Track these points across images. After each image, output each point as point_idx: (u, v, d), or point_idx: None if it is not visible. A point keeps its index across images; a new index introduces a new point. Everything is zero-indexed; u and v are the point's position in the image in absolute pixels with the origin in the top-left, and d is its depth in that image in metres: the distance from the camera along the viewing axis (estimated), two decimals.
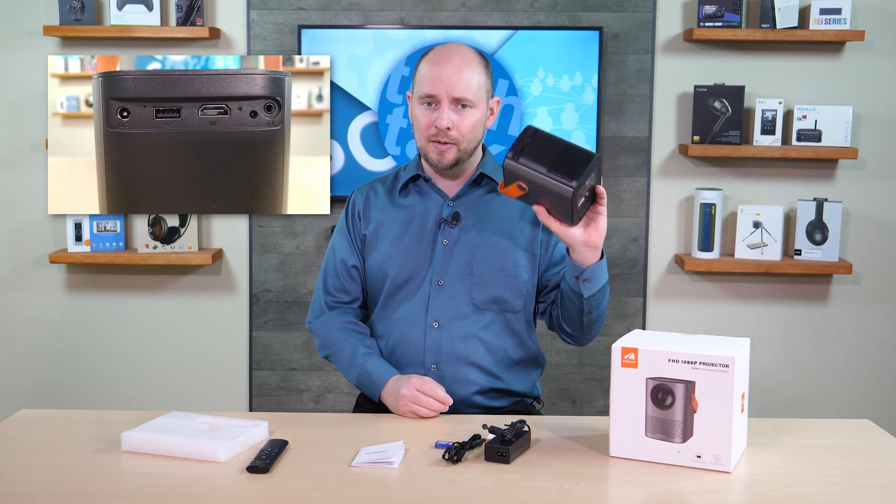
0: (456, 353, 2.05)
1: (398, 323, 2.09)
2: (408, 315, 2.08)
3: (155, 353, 3.57)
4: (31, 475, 1.62)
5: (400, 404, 1.95)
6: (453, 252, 2.07)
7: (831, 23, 3.28)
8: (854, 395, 3.55)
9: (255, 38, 3.42)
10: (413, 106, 2.08)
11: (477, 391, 2.07)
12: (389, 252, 2.10)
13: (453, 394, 2.03)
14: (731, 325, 3.50)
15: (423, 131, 2.05)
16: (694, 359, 1.63)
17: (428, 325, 2.06)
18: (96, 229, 3.44)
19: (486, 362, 2.07)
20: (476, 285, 2.06)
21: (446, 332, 2.06)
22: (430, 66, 2.04)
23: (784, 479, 1.63)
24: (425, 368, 2.05)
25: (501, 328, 2.09)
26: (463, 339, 2.06)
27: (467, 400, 2.07)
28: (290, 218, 3.50)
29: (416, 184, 2.14)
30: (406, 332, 2.07)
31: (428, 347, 2.05)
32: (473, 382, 2.07)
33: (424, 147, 2.06)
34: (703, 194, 3.37)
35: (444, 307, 2.06)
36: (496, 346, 2.08)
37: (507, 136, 3.40)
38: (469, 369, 2.06)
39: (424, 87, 2.03)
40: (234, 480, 1.59)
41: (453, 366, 2.05)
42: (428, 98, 2.03)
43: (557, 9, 3.38)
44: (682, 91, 3.43)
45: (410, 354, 2.07)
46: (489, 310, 2.07)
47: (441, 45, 2.11)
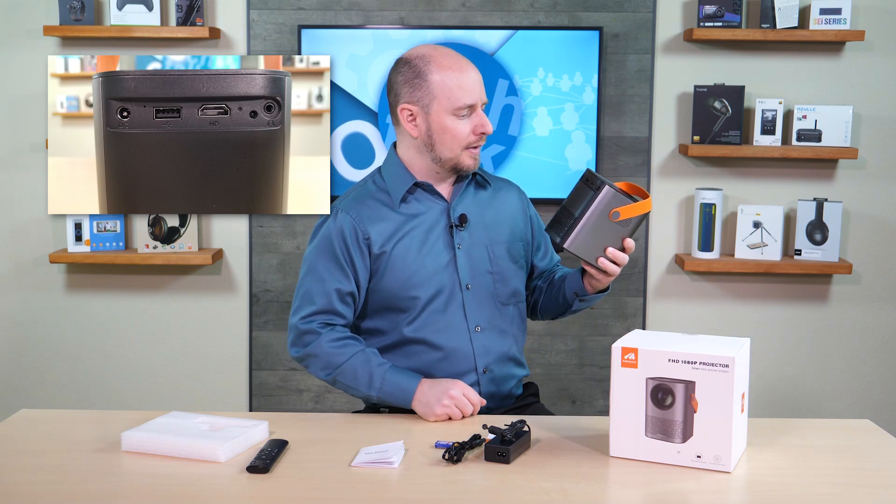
0: (501, 352, 2.09)
1: (441, 333, 2.04)
2: (448, 324, 2.04)
3: (155, 353, 3.57)
4: (31, 475, 1.62)
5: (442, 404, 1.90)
6: (470, 254, 2.07)
7: (831, 23, 3.28)
8: (854, 395, 3.55)
9: (255, 38, 3.42)
10: (437, 117, 1.99)
11: (515, 384, 2.13)
12: (413, 266, 2.03)
13: (500, 392, 2.09)
14: (731, 325, 3.50)
15: (463, 141, 2.00)
16: (694, 359, 1.63)
17: (472, 331, 2.06)
18: (96, 229, 3.44)
19: (518, 354, 2.14)
20: (498, 282, 2.09)
21: (489, 334, 2.07)
22: (456, 74, 1.98)
23: (784, 479, 1.63)
24: (479, 373, 2.06)
25: (518, 318, 2.14)
26: (502, 337, 2.09)
27: (509, 393, 2.12)
28: (290, 218, 3.50)
29: (412, 192, 2.07)
30: (453, 341, 2.04)
31: (478, 353, 2.06)
32: (514, 376, 2.13)
33: (458, 156, 2.02)
34: (703, 194, 3.37)
35: (479, 310, 2.07)
36: (518, 337, 2.14)
37: (506, 136, 3.40)
38: (510, 365, 2.11)
39: (462, 97, 1.97)
40: (234, 480, 1.59)
41: (500, 365, 2.09)
42: (468, 108, 1.99)
43: (557, 9, 3.38)
44: (682, 91, 3.43)
45: (462, 362, 2.05)
46: (510, 304, 2.11)
47: (432, 48, 2.03)
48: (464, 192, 2.11)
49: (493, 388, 2.07)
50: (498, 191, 2.17)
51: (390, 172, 2.09)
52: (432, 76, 1.98)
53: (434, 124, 2.00)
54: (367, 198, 2.08)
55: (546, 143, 3.40)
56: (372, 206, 2.06)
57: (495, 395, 2.08)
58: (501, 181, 2.21)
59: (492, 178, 2.19)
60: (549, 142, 3.40)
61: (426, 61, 2.00)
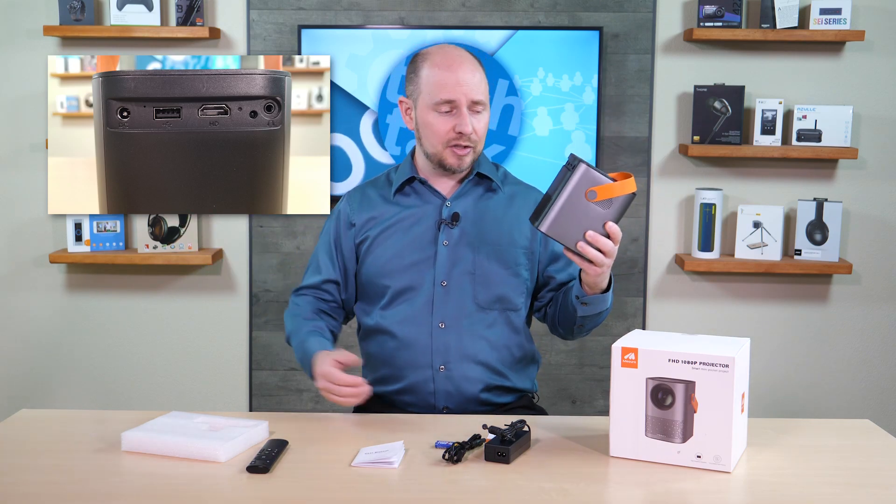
0: (464, 352, 2.06)
1: (404, 324, 2.07)
2: (412, 316, 2.07)
3: (155, 353, 3.57)
4: (31, 475, 1.62)
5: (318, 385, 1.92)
6: (454, 253, 2.07)
7: (831, 23, 3.28)
8: (854, 395, 3.55)
9: (255, 38, 3.42)
10: (422, 112, 2.05)
11: (483, 388, 2.08)
12: (390, 255, 2.09)
13: (461, 392, 2.06)
14: (731, 325, 3.50)
15: (442, 137, 2.03)
16: (694, 359, 1.63)
17: (434, 326, 2.06)
18: (96, 229, 3.44)
19: (493, 360, 2.08)
20: (479, 285, 2.07)
21: (453, 332, 2.06)
22: (441, 70, 2.01)
23: (784, 479, 1.63)
24: (434, 369, 2.05)
25: (505, 326, 2.10)
26: (470, 338, 2.06)
27: (475, 397, 2.07)
28: (290, 218, 3.50)
29: (413, 185, 2.13)
30: (412, 333, 2.06)
31: (436, 348, 2.05)
32: (480, 380, 2.07)
33: (440, 153, 2.05)
34: (703, 194, 3.37)
35: (449, 308, 2.06)
36: (500, 345, 2.09)
37: (507, 136, 3.40)
38: (476, 368, 2.07)
39: (442, 93, 2.01)
40: (234, 480, 1.59)
41: (461, 365, 2.06)
42: (447, 104, 2.01)
43: (557, 9, 3.38)
44: (682, 91, 3.43)
45: (418, 355, 2.06)
46: (493, 309, 2.08)
47: (437, 47, 2.09)
48: (466, 191, 2.11)
49: (449, 386, 2.05)
50: (514, 196, 2.14)
51: (402, 166, 2.17)
52: (423, 71, 2.05)
53: (420, 118, 2.07)
54: (371, 187, 2.19)
55: (546, 143, 3.40)
56: (370, 195, 2.16)
57: (453, 394, 2.06)
58: (524, 188, 2.18)
59: (512, 183, 2.17)
60: (550, 142, 3.40)
61: (424, 58, 2.07)
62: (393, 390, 2.10)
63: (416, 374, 2.06)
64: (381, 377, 2.11)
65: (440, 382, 2.06)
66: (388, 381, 2.10)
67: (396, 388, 2.09)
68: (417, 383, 2.06)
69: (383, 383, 2.11)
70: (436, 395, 2.06)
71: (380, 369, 2.12)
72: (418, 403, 2.08)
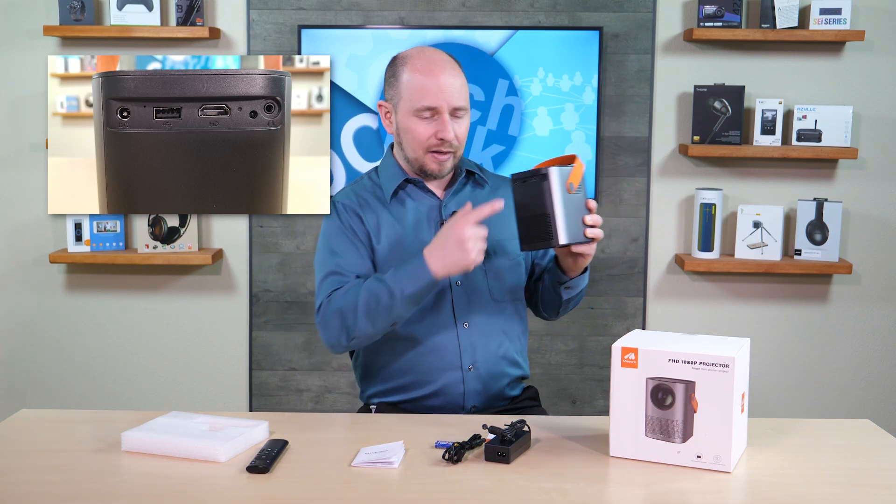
0: (490, 349, 2.07)
1: (429, 329, 2.05)
2: (436, 320, 2.05)
3: (155, 353, 3.57)
4: (31, 475, 1.62)
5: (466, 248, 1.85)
6: None
7: (831, 23, 3.28)
8: (854, 395, 3.55)
9: (255, 38, 3.42)
10: (402, 117, 2.04)
11: (508, 383, 2.11)
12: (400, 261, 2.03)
13: (489, 390, 2.07)
14: (731, 325, 3.50)
15: (423, 143, 2.03)
16: (694, 359, 1.63)
17: (459, 327, 2.05)
18: (96, 229, 3.44)
19: (512, 353, 2.11)
20: (492, 279, 2.08)
21: (478, 331, 2.06)
22: (422, 76, 2.01)
23: (784, 479, 1.63)
24: (464, 370, 2.05)
25: (515, 316, 2.13)
26: (493, 334, 2.08)
27: (501, 393, 2.10)
28: (290, 218, 3.50)
29: (405, 189, 2.11)
30: (438, 336, 2.05)
31: (464, 349, 2.05)
32: (507, 375, 2.10)
33: (421, 158, 2.04)
34: (703, 194, 3.37)
35: (469, 306, 2.06)
36: (514, 336, 2.12)
37: (506, 136, 3.40)
38: (501, 363, 2.09)
39: (422, 99, 2.00)
40: (234, 480, 1.59)
41: (489, 362, 2.07)
42: (428, 110, 2.00)
43: (557, 9, 3.38)
44: (682, 91, 3.43)
45: (447, 358, 2.05)
46: (505, 300, 2.10)
47: (417, 49, 2.08)
48: (459, 189, 2.12)
49: (479, 385, 2.06)
50: (497, 189, 2.17)
51: (385, 170, 2.14)
52: (403, 76, 2.04)
53: (400, 123, 2.06)
54: (363, 191, 2.16)
55: (546, 143, 3.40)
56: (366, 198, 2.14)
57: (483, 392, 2.07)
58: (501, 179, 2.22)
59: (491, 176, 2.20)
60: (550, 142, 3.40)
61: (404, 61, 2.06)
62: (419, 396, 2.07)
63: (446, 377, 2.05)
64: (402, 385, 2.08)
65: (470, 382, 2.06)
66: (413, 387, 2.07)
67: (424, 393, 2.06)
68: (447, 385, 2.05)
69: (406, 391, 2.08)
70: (465, 395, 2.05)
71: (401, 377, 2.08)
72: (446, 406, 2.06)
